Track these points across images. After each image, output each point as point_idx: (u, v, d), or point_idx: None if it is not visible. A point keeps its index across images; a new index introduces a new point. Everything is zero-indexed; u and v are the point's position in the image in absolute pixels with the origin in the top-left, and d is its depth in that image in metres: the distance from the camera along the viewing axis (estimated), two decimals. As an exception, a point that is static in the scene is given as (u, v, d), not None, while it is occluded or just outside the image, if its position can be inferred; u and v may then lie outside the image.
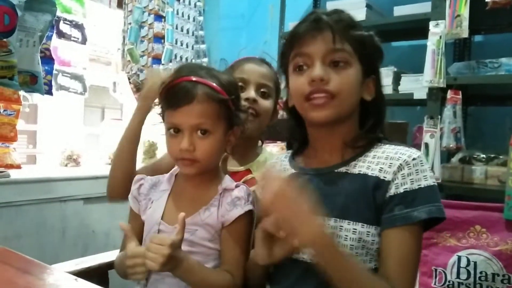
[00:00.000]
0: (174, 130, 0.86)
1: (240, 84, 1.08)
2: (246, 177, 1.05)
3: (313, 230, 0.67)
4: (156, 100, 0.95)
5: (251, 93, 1.09)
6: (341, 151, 0.83)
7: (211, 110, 0.84)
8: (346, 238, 0.77)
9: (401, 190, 0.75)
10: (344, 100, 0.79)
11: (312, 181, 0.82)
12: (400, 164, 0.77)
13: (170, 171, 0.99)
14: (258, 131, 1.12)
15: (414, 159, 0.78)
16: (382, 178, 0.77)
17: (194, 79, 0.85)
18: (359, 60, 0.81)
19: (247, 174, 1.07)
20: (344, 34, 0.79)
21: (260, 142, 1.20)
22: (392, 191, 0.76)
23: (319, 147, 0.88)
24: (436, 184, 0.78)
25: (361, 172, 0.80)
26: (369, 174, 0.79)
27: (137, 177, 0.98)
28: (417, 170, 0.77)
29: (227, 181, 0.92)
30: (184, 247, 0.83)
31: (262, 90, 1.11)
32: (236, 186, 0.90)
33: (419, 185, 0.76)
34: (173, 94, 0.85)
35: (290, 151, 0.98)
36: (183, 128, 0.84)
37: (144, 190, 0.96)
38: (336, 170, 0.82)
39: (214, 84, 0.85)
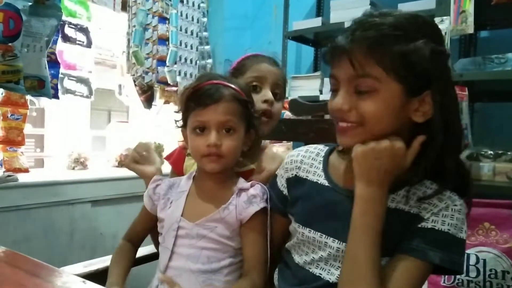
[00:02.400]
0: (200, 130, 0.92)
1: (255, 83, 1.08)
2: (250, 179, 1.05)
3: None
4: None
5: (269, 94, 1.07)
6: None
7: (236, 109, 0.92)
8: None
9: (429, 225, 0.73)
10: (371, 128, 0.73)
11: (343, 203, 0.80)
12: (442, 207, 0.74)
13: (188, 173, 1.03)
14: (269, 132, 1.11)
15: (455, 205, 0.75)
16: (417, 213, 0.75)
17: (218, 82, 0.93)
18: (398, 80, 0.70)
19: (250, 175, 1.06)
20: (371, 54, 0.69)
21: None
22: (421, 223, 0.74)
23: None
24: (465, 240, 0.74)
25: (398, 208, 0.77)
26: (406, 210, 0.76)
27: (155, 177, 1.03)
28: (453, 216, 0.74)
29: (242, 182, 0.98)
30: (203, 243, 0.90)
31: (276, 91, 1.10)
32: (252, 186, 0.95)
33: (448, 230, 0.73)
34: (202, 95, 0.91)
35: (324, 148, 0.93)
36: (210, 125, 0.90)
37: (160, 190, 1.00)
38: None
39: (236, 87, 0.94)
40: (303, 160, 0.92)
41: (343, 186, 0.83)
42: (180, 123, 0.99)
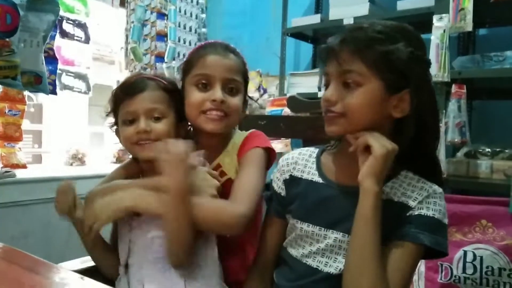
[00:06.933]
0: (129, 121, 0.94)
1: (203, 82, 0.96)
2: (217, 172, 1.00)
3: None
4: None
5: (217, 93, 0.95)
6: None
7: (162, 98, 0.95)
8: None
9: (416, 213, 0.80)
10: (354, 119, 0.80)
11: (338, 197, 0.86)
12: (427, 194, 0.81)
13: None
14: (226, 130, 1.01)
15: (436, 193, 0.82)
16: (405, 202, 0.81)
17: (142, 75, 0.99)
18: (379, 77, 0.78)
19: (218, 169, 1.01)
20: (356, 53, 0.78)
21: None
22: (409, 212, 0.81)
23: (351, 158, 0.83)
24: (446, 224, 0.82)
25: (388, 198, 0.82)
26: (395, 200, 0.82)
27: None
28: (435, 202, 0.81)
29: None
30: (154, 232, 0.91)
31: (229, 86, 0.97)
32: None
33: (434, 215, 0.80)
34: (128, 87, 0.96)
35: (315, 149, 0.96)
36: (139, 114, 0.93)
37: None
38: None
39: (161, 79, 0.98)
40: (297, 161, 0.95)
41: (336, 182, 0.88)
42: (112, 123, 1.00)
